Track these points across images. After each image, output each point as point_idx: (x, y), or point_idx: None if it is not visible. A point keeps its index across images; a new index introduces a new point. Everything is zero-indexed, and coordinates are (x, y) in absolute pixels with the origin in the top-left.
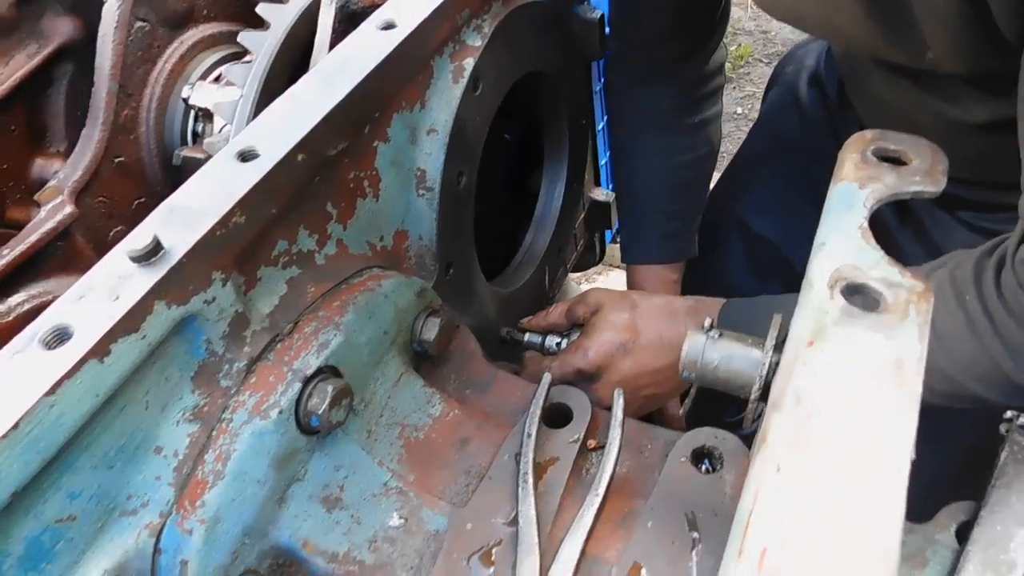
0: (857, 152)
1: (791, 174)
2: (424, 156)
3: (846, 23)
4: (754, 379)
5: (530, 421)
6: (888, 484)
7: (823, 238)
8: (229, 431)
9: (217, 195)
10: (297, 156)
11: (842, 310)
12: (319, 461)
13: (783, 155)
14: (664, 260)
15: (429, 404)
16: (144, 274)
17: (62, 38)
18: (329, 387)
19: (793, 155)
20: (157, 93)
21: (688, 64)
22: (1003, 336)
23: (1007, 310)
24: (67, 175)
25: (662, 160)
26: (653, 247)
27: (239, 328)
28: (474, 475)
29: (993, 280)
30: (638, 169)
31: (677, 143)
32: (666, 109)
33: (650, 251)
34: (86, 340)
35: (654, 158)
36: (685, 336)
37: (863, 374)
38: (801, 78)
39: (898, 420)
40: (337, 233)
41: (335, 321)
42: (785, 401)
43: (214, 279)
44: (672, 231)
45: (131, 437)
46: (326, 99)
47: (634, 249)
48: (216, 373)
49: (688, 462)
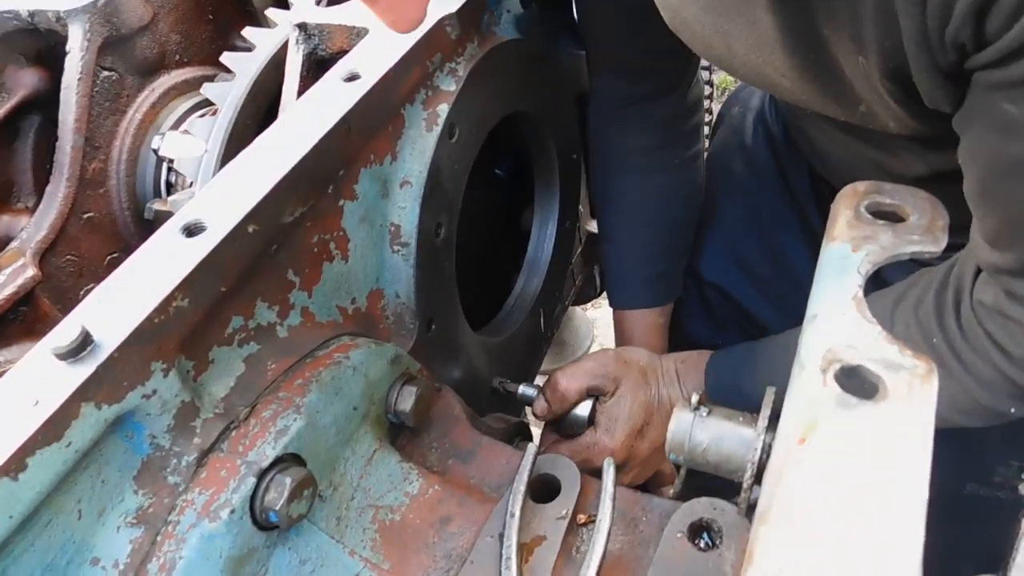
0: (850, 208)
1: (739, 217)
2: (398, 210)
3: (777, 77)
4: (745, 464)
5: (514, 499)
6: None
7: (814, 309)
8: (175, 535)
9: (156, 277)
10: (248, 227)
11: (837, 399)
12: (281, 556)
13: (731, 198)
14: (649, 304)
15: (406, 481)
16: (70, 373)
17: (26, 90)
18: (288, 479)
19: (739, 197)
20: (127, 144)
21: (662, 100)
22: (974, 373)
23: (973, 348)
24: (30, 235)
25: (644, 202)
26: (637, 292)
27: (187, 418)
28: (455, 559)
29: (954, 322)
30: (619, 212)
31: (658, 184)
32: (644, 149)
33: (635, 296)
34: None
35: (635, 200)
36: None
37: (860, 481)
38: (747, 120)
39: (901, 541)
40: (301, 301)
41: (295, 403)
42: (772, 513)
43: (153, 370)
44: (655, 274)
45: (61, 552)
46: (281, 163)
47: (619, 295)
48: (162, 469)
49: (685, 537)
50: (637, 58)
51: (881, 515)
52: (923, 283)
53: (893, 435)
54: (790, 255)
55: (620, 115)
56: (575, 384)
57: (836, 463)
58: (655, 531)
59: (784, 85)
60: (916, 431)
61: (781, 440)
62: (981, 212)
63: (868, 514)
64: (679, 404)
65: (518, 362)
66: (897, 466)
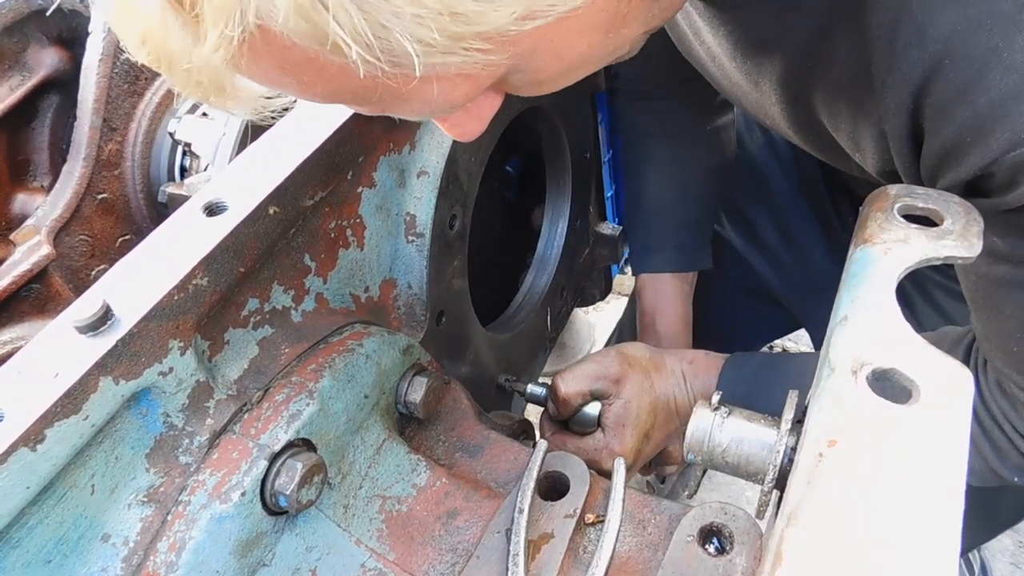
0: (881, 211)
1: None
2: (414, 200)
3: (776, 122)
4: (767, 466)
5: (522, 495)
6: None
7: (844, 311)
8: (186, 515)
9: (177, 254)
10: (269, 209)
11: (869, 402)
12: (289, 542)
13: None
14: (676, 270)
15: (414, 472)
16: (89, 346)
17: (47, 70)
18: (299, 464)
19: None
20: (143, 127)
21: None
22: (991, 439)
23: (991, 415)
24: (46, 213)
25: (674, 169)
26: (666, 257)
27: (201, 398)
28: (461, 553)
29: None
30: (650, 178)
31: (689, 152)
32: (676, 118)
33: (662, 261)
34: (16, 425)
35: (666, 167)
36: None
37: (895, 485)
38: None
39: (936, 548)
40: (316, 287)
41: (309, 388)
42: (803, 515)
43: (171, 348)
44: (685, 241)
45: (73, 526)
46: (304, 145)
47: (645, 259)
48: (175, 449)
49: (695, 541)
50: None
51: (916, 521)
52: (950, 340)
53: (928, 440)
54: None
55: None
56: (575, 388)
57: (869, 466)
58: (664, 534)
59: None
60: (951, 436)
61: (809, 442)
62: (975, 315)
63: (902, 519)
64: (699, 403)
65: (523, 360)
66: (933, 471)
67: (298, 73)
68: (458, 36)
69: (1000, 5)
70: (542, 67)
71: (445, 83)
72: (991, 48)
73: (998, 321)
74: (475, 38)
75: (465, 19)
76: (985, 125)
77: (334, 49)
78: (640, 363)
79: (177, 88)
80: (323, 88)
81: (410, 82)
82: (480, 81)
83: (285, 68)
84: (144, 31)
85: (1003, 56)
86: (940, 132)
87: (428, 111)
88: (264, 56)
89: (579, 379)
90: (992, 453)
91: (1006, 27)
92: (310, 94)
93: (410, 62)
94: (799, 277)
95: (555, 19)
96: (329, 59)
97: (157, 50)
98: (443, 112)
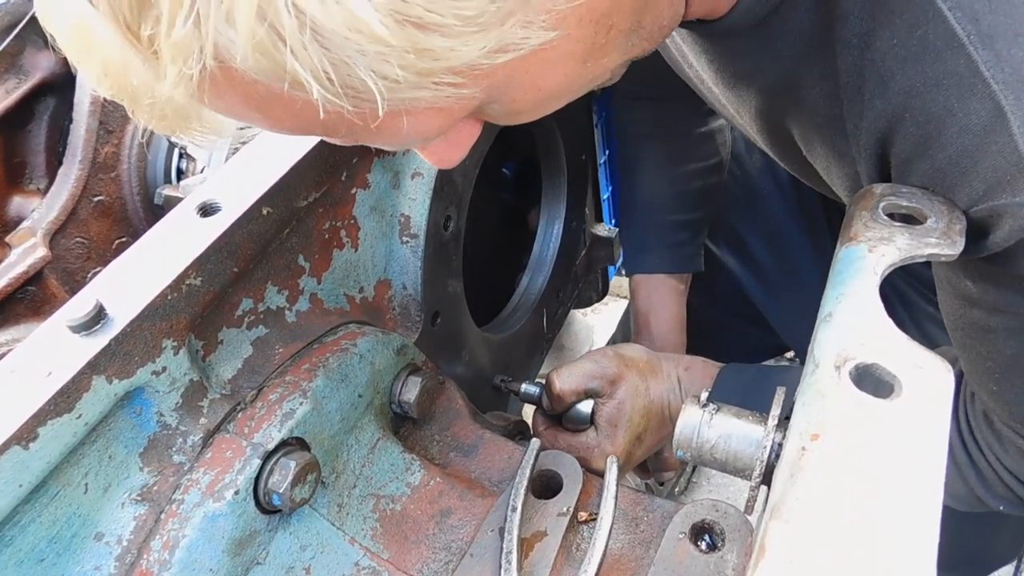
0: (866, 210)
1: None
2: (408, 201)
3: (761, 147)
4: (754, 462)
5: (515, 493)
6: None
7: (829, 308)
8: (179, 514)
9: (171, 254)
10: (262, 209)
11: (851, 397)
12: (282, 541)
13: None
14: (670, 270)
15: (408, 472)
16: (83, 345)
17: (43, 73)
18: (292, 463)
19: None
20: (140, 129)
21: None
22: (977, 468)
23: (979, 446)
24: (42, 215)
25: (668, 170)
26: (659, 257)
27: (195, 398)
28: (455, 551)
29: (965, 415)
30: (645, 177)
31: (684, 152)
32: (671, 119)
33: (655, 261)
34: (9, 423)
35: (660, 168)
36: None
37: (875, 479)
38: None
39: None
40: (310, 288)
41: (302, 387)
42: (786, 508)
43: (164, 347)
44: (679, 241)
45: (66, 525)
46: (298, 146)
47: (639, 259)
48: (168, 448)
49: (687, 538)
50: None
51: (896, 514)
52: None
53: (908, 434)
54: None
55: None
56: (571, 385)
57: (851, 460)
58: (656, 531)
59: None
60: (932, 431)
61: (793, 436)
62: (957, 352)
63: (882, 512)
64: (688, 400)
65: (519, 361)
66: (912, 465)
67: (264, 108)
68: (426, 72)
69: (955, 66)
70: (518, 98)
71: (415, 117)
72: (947, 108)
73: (977, 361)
74: (445, 72)
75: (432, 55)
76: (946, 180)
77: (295, 86)
78: (637, 365)
79: (143, 122)
80: (291, 123)
81: (376, 118)
82: (453, 113)
83: (250, 104)
84: (104, 65)
85: (958, 117)
86: (907, 181)
87: (400, 143)
88: (228, 92)
89: (575, 376)
90: (978, 482)
91: (961, 89)
92: (278, 128)
93: (374, 98)
94: (792, 303)
95: (528, 51)
96: (294, 95)
97: (119, 85)
98: (417, 144)
